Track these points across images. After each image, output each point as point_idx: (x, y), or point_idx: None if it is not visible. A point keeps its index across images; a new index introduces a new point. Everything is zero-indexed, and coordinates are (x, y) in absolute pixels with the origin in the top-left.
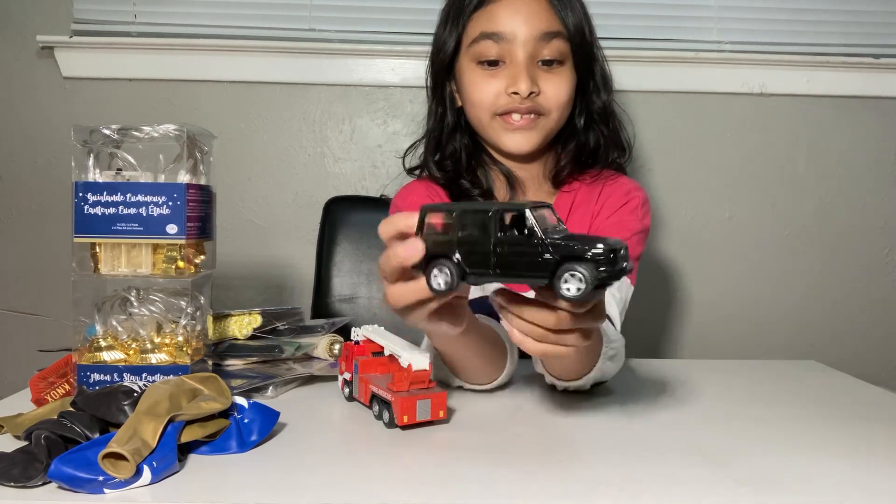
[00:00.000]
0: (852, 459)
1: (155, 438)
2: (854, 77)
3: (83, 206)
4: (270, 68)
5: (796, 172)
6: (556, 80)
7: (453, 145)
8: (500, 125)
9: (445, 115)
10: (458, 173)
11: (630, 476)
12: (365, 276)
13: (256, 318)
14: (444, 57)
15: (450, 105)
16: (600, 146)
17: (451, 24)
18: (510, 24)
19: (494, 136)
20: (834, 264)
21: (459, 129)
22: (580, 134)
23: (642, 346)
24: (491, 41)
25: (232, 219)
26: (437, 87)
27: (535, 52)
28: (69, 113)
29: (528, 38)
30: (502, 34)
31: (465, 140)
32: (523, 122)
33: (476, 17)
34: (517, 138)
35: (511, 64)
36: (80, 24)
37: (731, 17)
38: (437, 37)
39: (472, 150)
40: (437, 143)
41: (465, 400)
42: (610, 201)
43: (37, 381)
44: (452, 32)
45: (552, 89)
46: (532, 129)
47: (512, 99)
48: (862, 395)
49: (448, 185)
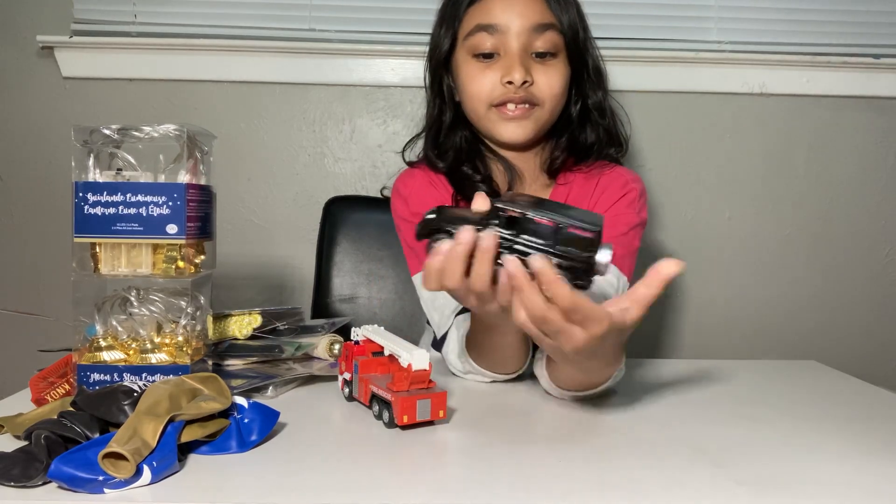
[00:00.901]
0: (852, 460)
1: (155, 438)
2: (854, 77)
3: (83, 206)
4: (270, 68)
5: (796, 172)
6: (549, 71)
7: (453, 139)
8: (496, 115)
9: (444, 110)
10: (459, 161)
11: (630, 476)
12: (365, 276)
13: (256, 318)
14: (440, 52)
15: (448, 99)
16: (595, 140)
17: (448, 20)
18: (504, 16)
19: (491, 126)
20: (834, 264)
21: (459, 123)
22: (575, 127)
23: (642, 346)
24: (486, 33)
25: (232, 219)
26: (434, 82)
27: (529, 44)
28: (69, 113)
29: (521, 30)
30: (497, 26)
31: (466, 133)
32: (518, 112)
33: (471, 11)
34: (512, 128)
35: (505, 55)
36: (80, 24)
37: (730, 17)
38: (433, 33)
39: (472, 142)
40: (437, 136)
41: (465, 400)
42: (607, 193)
43: (37, 381)
44: (449, 28)
45: (545, 80)
46: (526, 118)
47: (507, 89)
48: (862, 395)
49: (449, 173)
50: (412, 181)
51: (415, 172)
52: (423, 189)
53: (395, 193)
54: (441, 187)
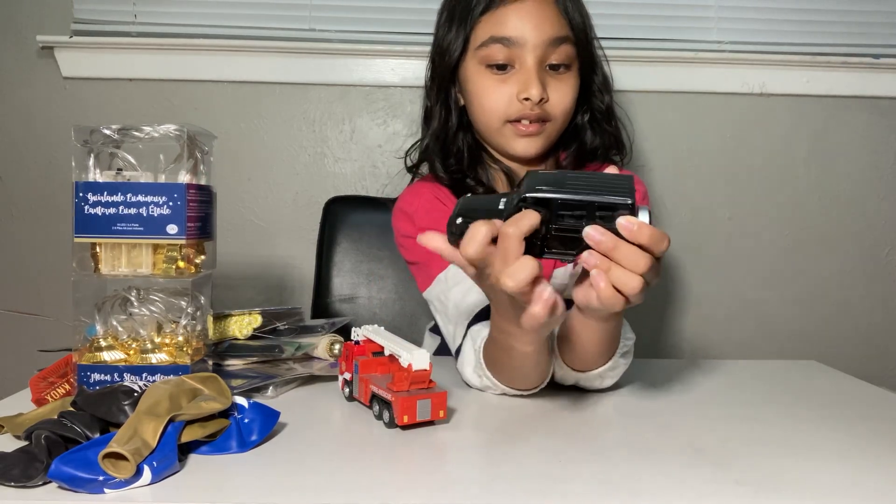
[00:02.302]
0: (852, 460)
1: (155, 438)
2: (854, 77)
3: (83, 206)
4: (270, 68)
5: (796, 172)
6: (562, 86)
7: (457, 145)
8: (511, 131)
9: (450, 117)
10: (462, 172)
11: (630, 476)
12: (365, 276)
13: (256, 318)
14: (449, 60)
15: (454, 106)
16: (601, 146)
17: (458, 27)
18: (520, 28)
19: (504, 141)
20: (834, 264)
21: (461, 129)
22: (582, 134)
23: (642, 345)
24: (500, 45)
25: (232, 219)
26: (440, 90)
27: (545, 57)
28: (69, 113)
29: (538, 43)
30: (512, 39)
31: (469, 139)
32: (532, 128)
33: (484, 20)
34: (524, 143)
35: (521, 69)
36: (80, 24)
37: (730, 17)
38: (439, 38)
39: (474, 148)
40: (444, 145)
41: (465, 400)
42: None
43: (37, 381)
44: (459, 34)
45: (558, 96)
46: (539, 134)
47: (523, 105)
48: (862, 395)
49: (453, 185)
50: (417, 199)
51: (419, 190)
52: (429, 204)
53: (398, 212)
54: (447, 201)
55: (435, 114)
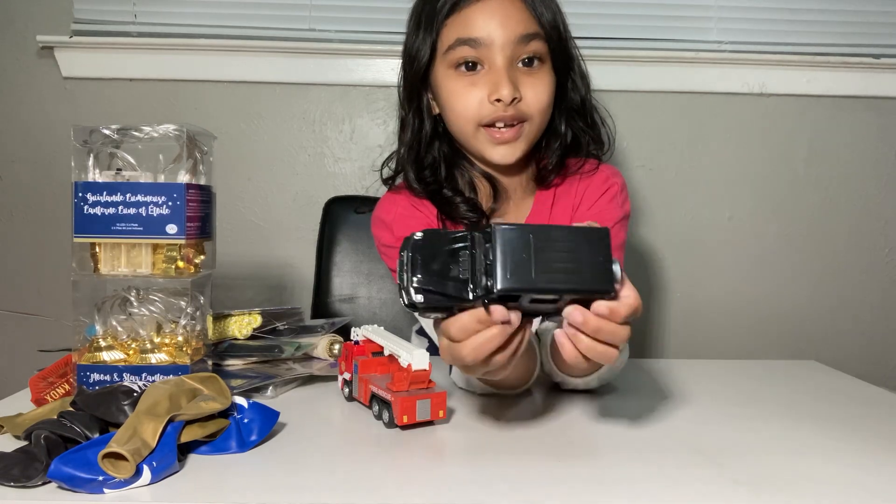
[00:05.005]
0: (852, 459)
1: (155, 438)
2: (854, 77)
3: (83, 206)
4: (270, 68)
5: (796, 172)
6: (536, 83)
7: (432, 154)
8: (486, 138)
9: (423, 126)
10: (438, 183)
11: (630, 476)
12: (365, 276)
13: (256, 318)
14: (418, 67)
15: (426, 114)
16: (580, 142)
17: (424, 32)
18: (486, 28)
19: (480, 147)
20: (834, 264)
21: (437, 137)
22: (562, 133)
23: (642, 345)
24: (468, 47)
25: (232, 219)
26: (412, 98)
27: (514, 56)
28: (69, 113)
29: (506, 42)
30: (479, 39)
31: (445, 148)
32: (509, 134)
33: (450, 22)
34: (502, 151)
35: (490, 70)
36: (80, 24)
37: (730, 17)
38: (407, 45)
39: (451, 156)
40: (417, 155)
41: (465, 400)
42: (589, 191)
43: (37, 381)
44: (426, 40)
45: (532, 93)
46: (517, 139)
47: (495, 107)
48: (862, 395)
49: (431, 196)
50: (394, 207)
51: (395, 198)
52: (406, 212)
53: (376, 221)
54: (425, 209)
55: (408, 123)
